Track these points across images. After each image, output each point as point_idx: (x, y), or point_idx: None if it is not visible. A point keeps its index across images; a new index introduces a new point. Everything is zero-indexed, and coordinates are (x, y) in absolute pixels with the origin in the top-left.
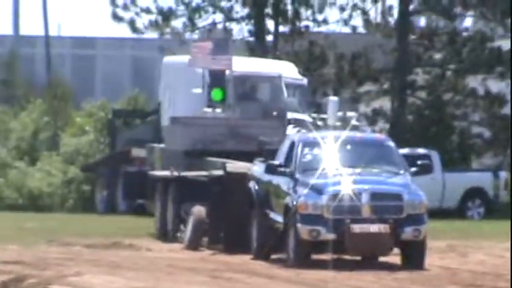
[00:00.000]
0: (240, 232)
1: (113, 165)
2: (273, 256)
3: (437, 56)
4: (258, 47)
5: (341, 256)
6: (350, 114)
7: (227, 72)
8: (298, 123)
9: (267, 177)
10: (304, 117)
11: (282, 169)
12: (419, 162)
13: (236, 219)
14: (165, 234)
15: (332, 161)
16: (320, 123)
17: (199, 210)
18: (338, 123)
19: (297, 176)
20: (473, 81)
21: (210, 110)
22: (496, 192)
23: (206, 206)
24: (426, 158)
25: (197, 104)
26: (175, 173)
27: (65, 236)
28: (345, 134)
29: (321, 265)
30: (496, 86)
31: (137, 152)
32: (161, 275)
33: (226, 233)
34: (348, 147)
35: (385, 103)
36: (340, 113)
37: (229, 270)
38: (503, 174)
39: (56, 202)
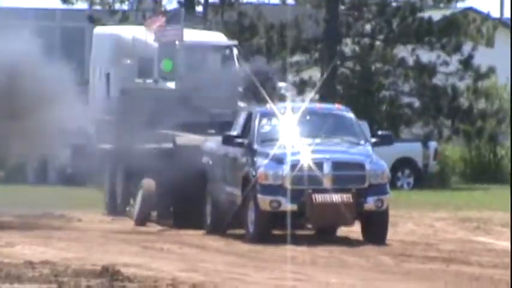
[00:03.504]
0: (191, 207)
1: None
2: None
3: (367, 26)
4: (187, 18)
5: (299, 231)
6: (280, 84)
7: (177, 42)
8: None
9: (222, 150)
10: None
11: (240, 140)
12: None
13: (187, 193)
14: (115, 208)
15: (291, 132)
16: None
17: (148, 183)
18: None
19: (256, 147)
20: (403, 52)
21: (141, 80)
22: (426, 162)
23: (155, 179)
24: None
25: (128, 75)
26: (124, 146)
27: None
28: (304, 104)
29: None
30: (425, 56)
31: None
32: (93, 245)
33: (175, 208)
34: (307, 117)
35: (315, 73)
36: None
37: (160, 241)
38: (433, 144)
39: None
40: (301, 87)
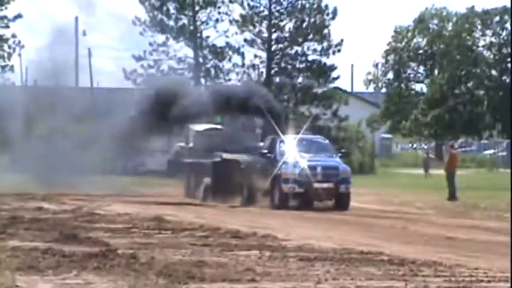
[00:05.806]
0: (233, 191)
1: None
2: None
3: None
4: None
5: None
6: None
7: None
8: None
9: (254, 160)
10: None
11: (269, 154)
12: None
13: (230, 185)
14: (189, 194)
15: (296, 150)
16: None
17: (206, 180)
18: None
19: (278, 158)
20: (303, 110)
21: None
22: None
23: (210, 178)
24: None
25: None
26: (195, 160)
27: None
28: (304, 135)
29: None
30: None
31: None
32: (151, 206)
33: (223, 193)
34: (304, 142)
35: None
36: None
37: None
38: None
39: None
40: None
